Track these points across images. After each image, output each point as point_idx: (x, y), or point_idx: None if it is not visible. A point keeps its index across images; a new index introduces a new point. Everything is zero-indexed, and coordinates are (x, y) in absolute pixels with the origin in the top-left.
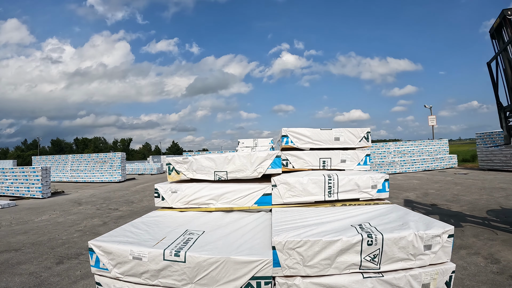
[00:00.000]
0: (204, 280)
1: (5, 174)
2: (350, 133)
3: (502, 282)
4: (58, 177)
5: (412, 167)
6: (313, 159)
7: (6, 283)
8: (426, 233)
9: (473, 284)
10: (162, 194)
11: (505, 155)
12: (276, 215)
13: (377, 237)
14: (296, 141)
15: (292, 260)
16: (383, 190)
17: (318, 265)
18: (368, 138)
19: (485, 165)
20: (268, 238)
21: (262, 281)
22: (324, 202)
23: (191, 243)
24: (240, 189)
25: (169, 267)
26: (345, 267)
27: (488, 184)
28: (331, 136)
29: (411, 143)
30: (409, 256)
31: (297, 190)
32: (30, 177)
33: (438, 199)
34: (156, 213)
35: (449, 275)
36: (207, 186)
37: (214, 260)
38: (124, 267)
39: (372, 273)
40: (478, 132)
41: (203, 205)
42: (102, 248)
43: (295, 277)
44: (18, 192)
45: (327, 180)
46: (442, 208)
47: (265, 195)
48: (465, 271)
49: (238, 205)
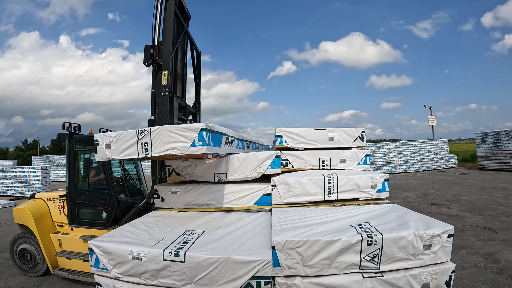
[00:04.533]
0: (204, 280)
1: (5, 174)
2: (345, 132)
3: (502, 282)
4: (58, 177)
5: (412, 167)
6: (313, 159)
7: (6, 283)
8: (426, 233)
9: (473, 284)
10: (162, 194)
11: (505, 155)
12: (276, 215)
13: (377, 237)
14: (290, 141)
15: (292, 260)
16: (383, 190)
17: (318, 265)
18: (363, 137)
19: (485, 165)
20: (268, 238)
21: (261, 281)
22: (324, 202)
23: (191, 243)
24: (240, 189)
25: (169, 267)
26: (345, 267)
27: (488, 184)
28: (325, 136)
29: (411, 143)
30: (408, 256)
31: (297, 190)
32: (30, 177)
33: (438, 199)
34: (156, 213)
35: (449, 275)
36: (206, 186)
37: (213, 260)
38: (124, 267)
39: (372, 273)
40: (478, 132)
41: (203, 205)
42: (102, 248)
43: (295, 277)
44: (18, 192)
45: (327, 180)
46: (442, 208)
47: (264, 195)
48: (465, 271)
49: (238, 205)
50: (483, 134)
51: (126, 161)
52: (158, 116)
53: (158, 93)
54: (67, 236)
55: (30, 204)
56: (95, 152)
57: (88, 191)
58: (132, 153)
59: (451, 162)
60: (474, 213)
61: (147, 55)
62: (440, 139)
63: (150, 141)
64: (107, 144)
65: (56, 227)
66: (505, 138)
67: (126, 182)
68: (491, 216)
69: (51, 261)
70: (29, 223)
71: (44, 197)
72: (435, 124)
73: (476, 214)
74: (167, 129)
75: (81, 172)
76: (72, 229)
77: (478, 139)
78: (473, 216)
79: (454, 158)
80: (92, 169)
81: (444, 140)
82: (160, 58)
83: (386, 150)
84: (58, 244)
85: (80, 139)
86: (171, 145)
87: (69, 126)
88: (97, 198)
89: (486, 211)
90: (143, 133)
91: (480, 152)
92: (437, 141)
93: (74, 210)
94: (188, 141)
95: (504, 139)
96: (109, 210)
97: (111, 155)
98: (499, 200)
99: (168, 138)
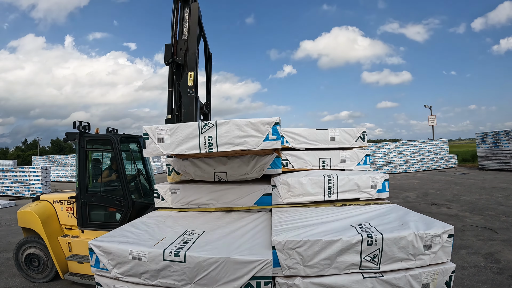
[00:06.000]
0: (204, 280)
1: (5, 174)
2: (346, 133)
3: (502, 282)
4: (58, 177)
5: (412, 167)
6: (313, 159)
7: (6, 283)
8: (426, 233)
9: (473, 284)
10: (162, 194)
11: (505, 155)
12: (276, 215)
13: (377, 237)
14: (291, 141)
15: (292, 260)
16: (383, 190)
17: (318, 265)
18: (364, 138)
19: (485, 165)
20: (268, 238)
21: (262, 281)
22: (324, 202)
23: (191, 243)
24: (240, 189)
25: (169, 267)
26: (345, 267)
27: (488, 184)
28: (327, 136)
29: (411, 143)
30: (409, 256)
31: (297, 190)
32: (30, 177)
33: (438, 199)
34: (156, 213)
35: (449, 275)
36: (207, 186)
37: (214, 260)
38: (124, 267)
39: (372, 273)
40: (478, 132)
41: (203, 205)
42: (102, 248)
43: (295, 277)
44: (18, 192)
45: (327, 180)
46: (442, 208)
47: (265, 195)
48: (465, 271)
49: (238, 205)
50: (483, 134)
51: (135, 160)
52: (185, 116)
53: (184, 94)
54: (77, 239)
55: (36, 206)
56: (107, 152)
57: (101, 192)
58: (193, 147)
59: (451, 162)
60: (474, 213)
61: (168, 54)
62: (440, 139)
63: (215, 135)
64: (159, 138)
65: (64, 230)
66: (505, 138)
67: (139, 182)
68: (491, 216)
69: (60, 266)
70: (37, 227)
71: (49, 198)
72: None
73: (476, 214)
74: (236, 123)
75: (91, 173)
76: (82, 232)
77: (478, 139)
78: (473, 216)
79: (454, 158)
80: (105, 169)
81: (444, 140)
82: (178, 57)
83: (386, 150)
84: (68, 248)
85: (91, 138)
86: (241, 139)
87: (80, 125)
88: (111, 199)
89: (486, 211)
90: (207, 126)
91: (480, 152)
92: (437, 141)
93: (85, 212)
94: (261, 135)
95: (504, 139)
96: (124, 211)
97: (165, 150)
98: (499, 200)
99: (238, 132)
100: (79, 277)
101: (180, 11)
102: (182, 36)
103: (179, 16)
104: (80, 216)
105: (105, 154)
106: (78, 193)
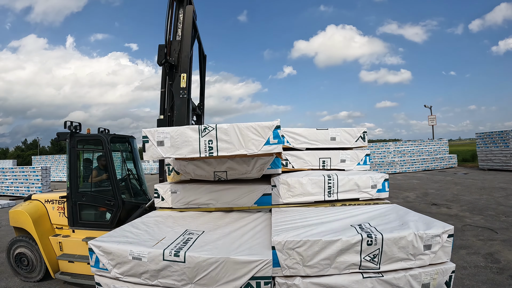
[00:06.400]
0: (204, 280)
1: (5, 174)
2: (347, 133)
3: (502, 282)
4: (58, 177)
5: (412, 167)
6: (313, 159)
7: (6, 283)
8: (426, 233)
9: (473, 284)
10: (162, 194)
11: (505, 155)
12: (276, 215)
13: (377, 237)
14: (292, 141)
15: (292, 260)
16: (383, 190)
17: (318, 265)
18: (365, 138)
19: (485, 165)
20: (268, 238)
21: (261, 281)
22: (324, 202)
23: (191, 243)
24: (240, 189)
25: (169, 267)
26: (345, 267)
27: (488, 184)
28: (327, 136)
29: (411, 143)
30: (409, 256)
31: (297, 190)
32: (30, 177)
33: (438, 199)
34: (155, 213)
35: (449, 275)
36: (206, 186)
37: (213, 260)
38: (124, 267)
39: (372, 273)
40: (478, 132)
41: (203, 205)
42: (102, 248)
43: (295, 277)
44: (18, 192)
45: (327, 180)
46: (442, 208)
47: (264, 195)
48: (465, 271)
49: (238, 205)
50: (483, 134)
51: (126, 160)
52: (177, 117)
53: (176, 95)
54: (68, 238)
55: (27, 206)
56: (97, 152)
57: (91, 191)
58: (193, 151)
59: (451, 162)
60: (474, 213)
61: (161, 54)
62: (440, 139)
63: (215, 138)
64: (159, 141)
65: (55, 230)
66: (505, 138)
67: (130, 182)
68: (491, 216)
69: (51, 265)
70: (28, 226)
71: (41, 198)
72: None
73: (476, 214)
74: (237, 126)
75: (82, 172)
76: (73, 231)
77: (478, 139)
78: (473, 216)
79: (454, 158)
80: (94, 169)
81: (444, 140)
82: (171, 58)
83: (386, 150)
84: (59, 247)
85: (82, 138)
86: (241, 144)
87: (70, 125)
88: (101, 199)
89: (486, 211)
90: (207, 130)
91: (480, 152)
92: (437, 141)
93: (75, 211)
94: (262, 139)
95: (504, 139)
96: (114, 211)
97: (165, 154)
98: (499, 200)
99: (239, 136)
100: (69, 276)
101: (175, 12)
102: (176, 37)
103: (174, 17)
104: (71, 215)
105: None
106: (69, 193)
